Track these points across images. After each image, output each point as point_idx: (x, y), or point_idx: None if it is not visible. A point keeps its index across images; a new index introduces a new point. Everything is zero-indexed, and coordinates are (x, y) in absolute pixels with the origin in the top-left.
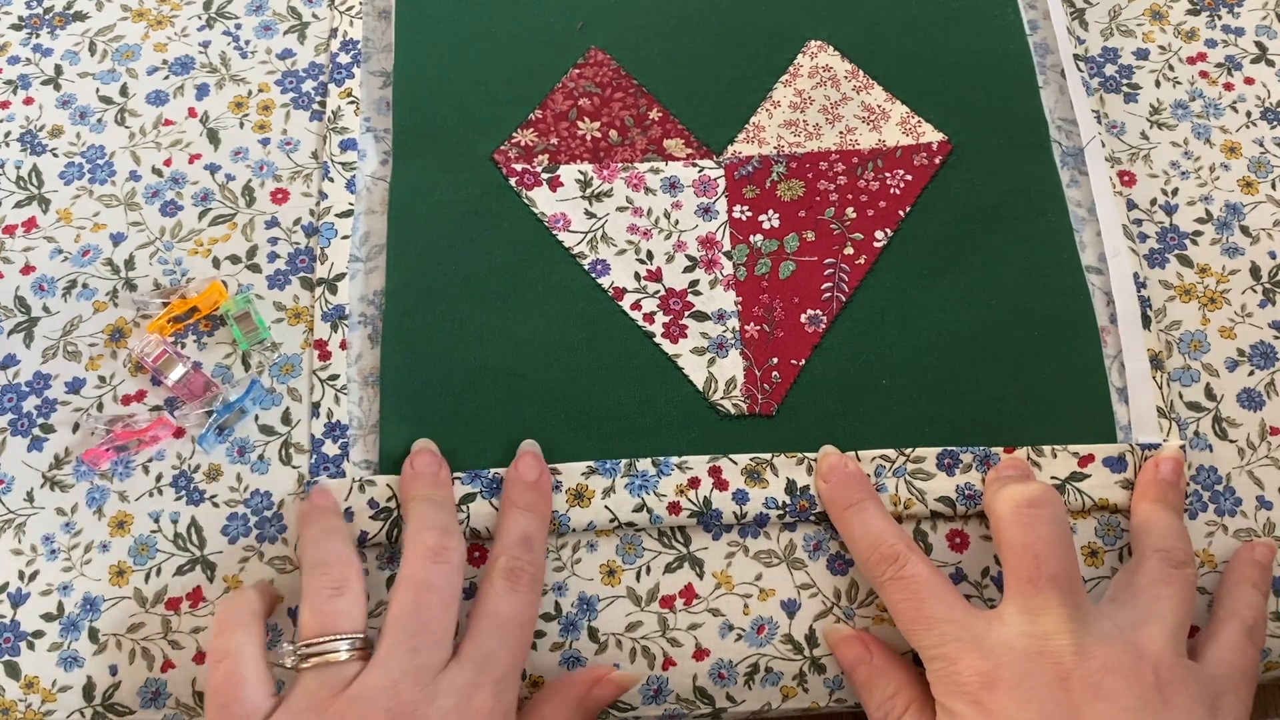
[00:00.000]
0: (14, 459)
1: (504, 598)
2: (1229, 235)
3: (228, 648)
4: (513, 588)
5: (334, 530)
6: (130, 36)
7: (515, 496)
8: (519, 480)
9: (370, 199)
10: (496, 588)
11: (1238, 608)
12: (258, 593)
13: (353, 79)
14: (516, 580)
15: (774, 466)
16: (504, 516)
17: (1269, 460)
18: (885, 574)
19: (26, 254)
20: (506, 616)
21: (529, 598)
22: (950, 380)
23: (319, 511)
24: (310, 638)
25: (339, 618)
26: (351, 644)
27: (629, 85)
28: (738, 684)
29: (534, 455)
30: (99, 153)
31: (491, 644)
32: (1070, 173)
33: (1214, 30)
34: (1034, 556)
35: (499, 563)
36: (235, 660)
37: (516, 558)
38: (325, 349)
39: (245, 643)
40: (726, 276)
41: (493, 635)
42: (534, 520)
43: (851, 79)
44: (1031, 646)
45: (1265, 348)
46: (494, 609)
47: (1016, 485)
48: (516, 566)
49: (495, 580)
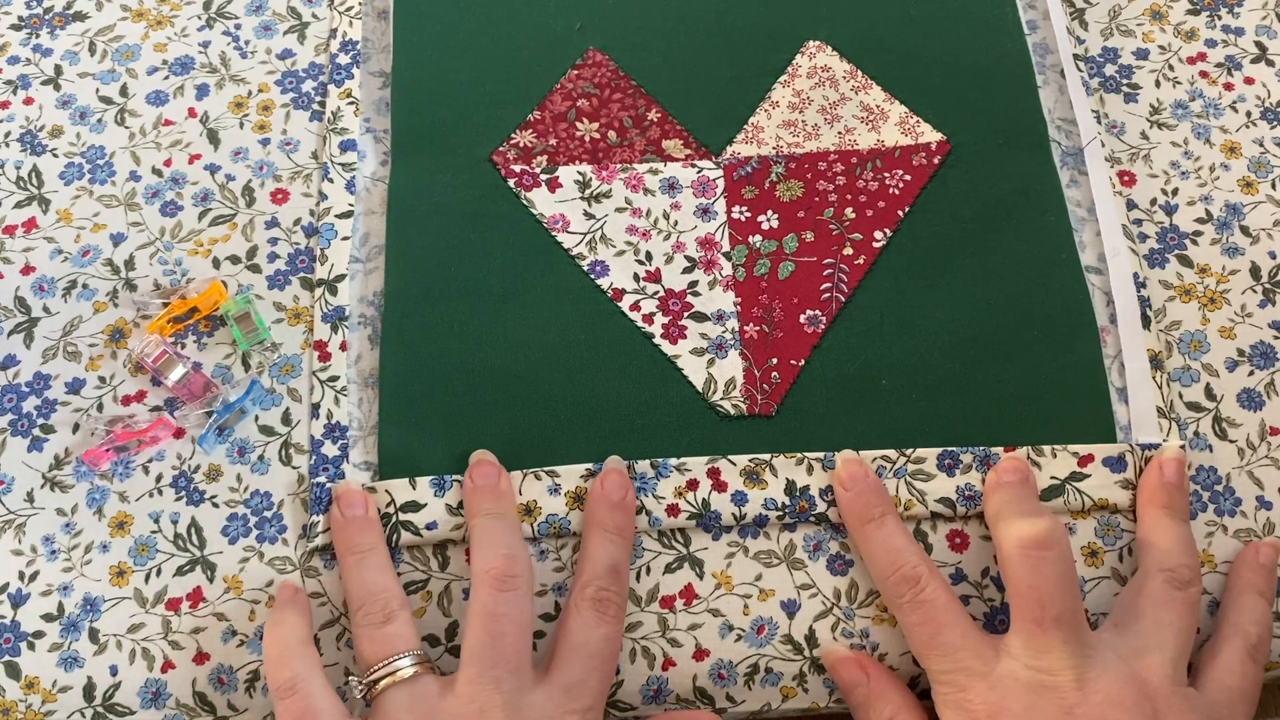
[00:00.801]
0: (14, 459)
1: (592, 628)
2: (1229, 235)
3: (292, 682)
4: (601, 618)
5: (369, 559)
6: (130, 36)
7: (603, 518)
8: (604, 499)
9: (370, 200)
10: (585, 618)
11: (1242, 623)
12: (296, 613)
13: (352, 79)
14: (604, 610)
15: (773, 467)
16: (590, 539)
17: (1269, 460)
18: (905, 597)
19: (26, 254)
20: (595, 647)
21: (616, 629)
22: (950, 380)
23: (349, 540)
24: (372, 664)
25: (394, 640)
26: (414, 660)
27: (627, 86)
28: (738, 684)
29: (619, 472)
30: (99, 153)
31: (579, 673)
32: (1070, 173)
33: (1214, 30)
34: (1039, 599)
35: (587, 591)
36: (304, 694)
37: (605, 588)
38: (325, 350)
39: (307, 674)
40: (725, 277)
41: (580, 665)
42: (621, 547)
43: (850, 79)
44: (1036, 680)
45: (1265, 348)
46: (583, 640)
47: (1024, 522)
48: (605, 597)
49: (584, 610)
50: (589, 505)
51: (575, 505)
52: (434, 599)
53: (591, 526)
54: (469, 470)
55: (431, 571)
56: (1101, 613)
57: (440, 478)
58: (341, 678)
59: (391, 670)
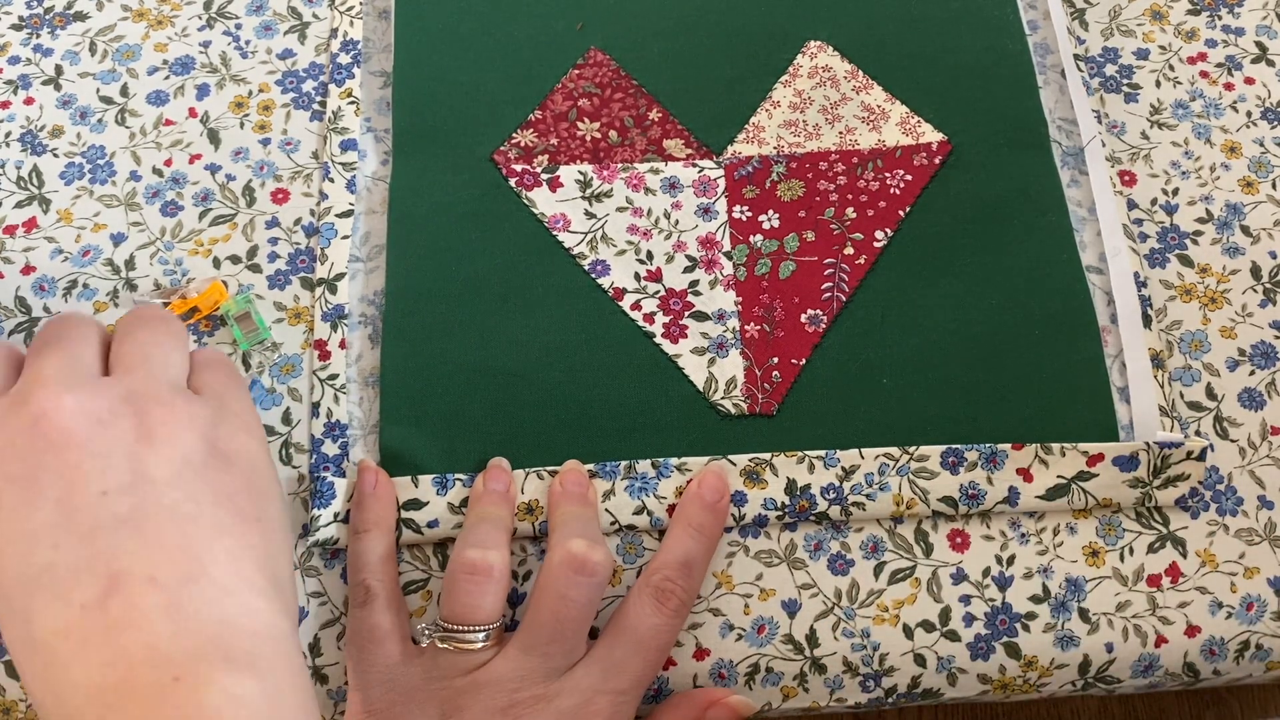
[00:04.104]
0: None
1: (648, 616)
2: (1229, 235)
3: (369, 587)
4: (659, 609)
5: (495, 518)
6: (130, 36)
7: (691, 514)
8: (698, 498)
9: (370, 199)
10: (643, 604)
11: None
12: (384, 540)
13: (353, 79)
14: (664, 601)
15: (773, 466)
16: (672, 531)
17: (1270, 460)
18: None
19: (27, 254)
20: (644, 635)
21: (673, 623)
22: (950, 380)
23: (488, 496)
24: (448, 622)
25: (477, 611)
26: (487, 634)
27: (629, 86)
28: (738, 684)
29: (718, 475)
30: (99, 153)
31: (623, 655)
32: (1070, 172)
33: (1214, 30)
34: None
35: (653, 579)
36: (375, 605)
37: (670, 579)
38: (325, 349)
39: (380, 589)
40: (726, 276)
41: (626, 648)
42: (701, 545)
43: (851, 79)
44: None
45: (1266, 347)
46: (634, 624)
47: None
48: (668, 588)
49: (644, 597)
50: (681, 502)
51: None
52: (434, 599)
53: (678, 521)
54: (559, 477)
55: (432, 571)
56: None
57: (442, 476)
58: (342, 677)
59: (462, 640)
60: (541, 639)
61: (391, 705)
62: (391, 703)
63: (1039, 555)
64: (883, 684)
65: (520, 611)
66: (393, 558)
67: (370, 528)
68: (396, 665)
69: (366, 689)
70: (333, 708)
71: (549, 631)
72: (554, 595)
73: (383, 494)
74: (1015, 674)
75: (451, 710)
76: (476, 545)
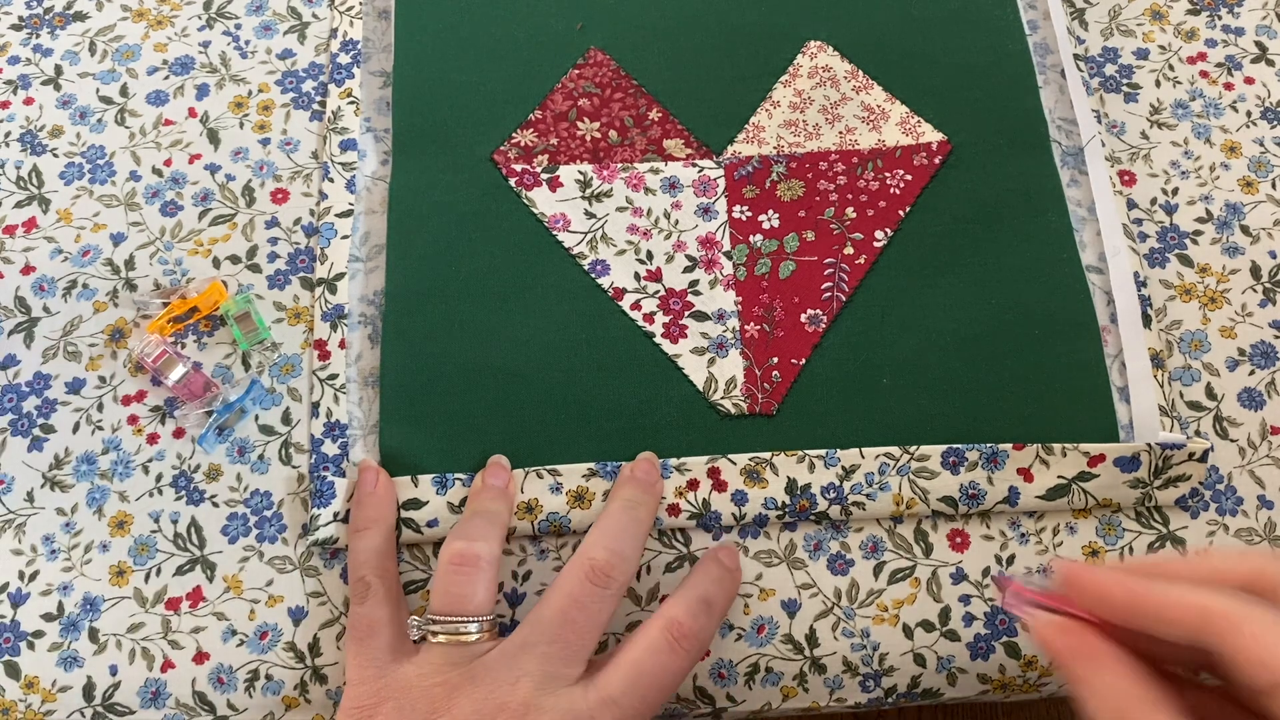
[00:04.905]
0: (14, 459)
1: (656, 654)
2: (1229, 235)
3: (368, 583)
4: (671, 647)
5: (490, 513)
6: (130, 36)
7: (722, 552)
8: (726, 553)
9: (370, 199)
10: (655, 640)
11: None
12: (383, 536)
13: (353, 79)
14: (678, 640)
15: (774, 466)
16: (701, 564)
17: (1269, 460)
18: None
19: (27, 254)
20: (649, 672)
21: (682, 664)
22: (950, 380)
23: (486, 492)
24: (438, 614)
25: (465, 601)
26: (480, 625)
27: (629, 85)
28: (738, 684)
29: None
30: (99, 153)
31: (621, 688)
32: (1070, 172)
33: (1214, 30)
34: None
35: (670, 615)
36: (373, 601)
37: (684, 622)
38: (325, 349)
39: (379, 585)
40: (726, 276)
41: (626, 681)
42: (725, 584)
43: (851, 79)
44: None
45: (1266, 347)
46: (639, 658)
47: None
48: (682, 633)
49: (657, 632)
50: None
51: (576, 504)
52: None
53: (710, 554)
54: (635, 463)
55: (431, 570)
56: None
57: (442, 475)
58: (341, 677)
59: (455, 631)
60: (543, 636)
61: (381, 704)
62: (381, 700)
63: (1039, 555)
64: (882, 684)
65: (521, 612)
66: (392, 555)
67: (370, 525)
68: (391, 661)
69: (359, 685)
70: (333, 708)
71: (552, 629)
72: (567, 597)
73: (383, 493)
74: (1015, 674)
75: (441, 709)
76: (465, 537)
